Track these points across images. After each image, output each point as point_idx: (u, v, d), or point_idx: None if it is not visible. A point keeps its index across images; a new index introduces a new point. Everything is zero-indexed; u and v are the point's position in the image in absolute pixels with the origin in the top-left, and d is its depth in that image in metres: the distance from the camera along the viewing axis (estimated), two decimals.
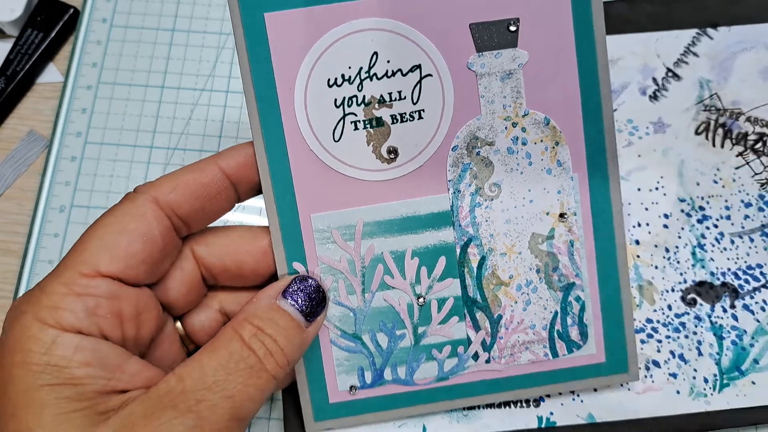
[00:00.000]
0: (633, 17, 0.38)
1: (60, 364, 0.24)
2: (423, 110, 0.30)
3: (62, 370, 0.24)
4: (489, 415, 0.35)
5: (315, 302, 0.30)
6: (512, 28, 0.30)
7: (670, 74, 0.38)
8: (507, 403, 0.35)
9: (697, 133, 0.37)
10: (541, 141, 0.31)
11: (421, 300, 0.32)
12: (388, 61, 0.30)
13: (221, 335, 0.27)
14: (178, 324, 0.31)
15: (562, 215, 0.31)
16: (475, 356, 0.32)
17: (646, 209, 0.37)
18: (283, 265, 0.31)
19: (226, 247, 0.30)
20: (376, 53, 0.30)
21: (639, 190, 0.37)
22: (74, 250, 0.26)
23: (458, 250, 0.31)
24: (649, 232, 0.37)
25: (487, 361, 0.32)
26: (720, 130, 0.38)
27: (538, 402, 0.35)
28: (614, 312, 0.32)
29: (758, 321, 0.36)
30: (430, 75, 0.30)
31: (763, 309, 0.36)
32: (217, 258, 0.30)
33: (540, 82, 0.30)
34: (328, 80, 0.30)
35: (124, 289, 0.26)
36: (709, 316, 0.36)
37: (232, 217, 0.40)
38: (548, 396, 0.35)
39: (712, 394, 0.35)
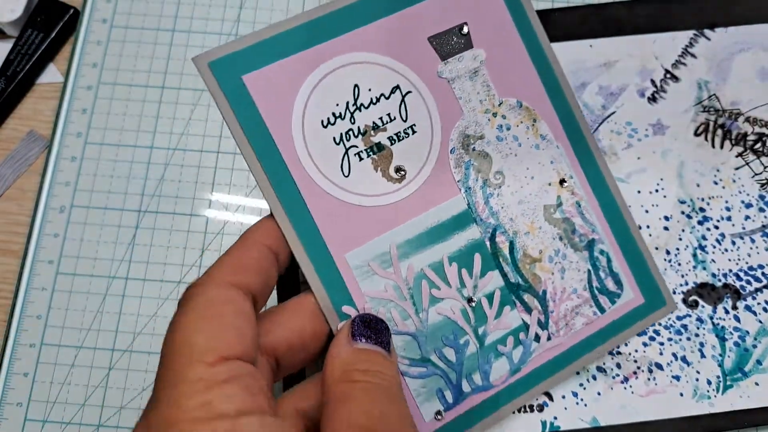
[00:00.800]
0: (630, 19, 0.39)
1: None
2: (414, 125, 0.32)
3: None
4: None
5: (380, 330, 0.29)
6: (464, 31, 0.32)
7: (668, 76, 0.38)
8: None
9: (696, 134, 0.38)
10: (522, 122, 0.33)
11: (472, 303, 0.32)
12: (370, 89, 0.31)
13: (339, 392, 0.26)
14: None
15: (561, 181, 0.34)
16: (537, 338, 0.33)
17: (647, 212, 0.38)
18: (333, 314, 0.30)
19: (282, 325, 0.29)
20: (356, 85, 0.31)
21: (639, 192, 0.38)
22: (180, 346, 0.24)
23: (488, 243, 0.32)
24: (650, 235, 0.37)
25: (548, 339, 0.33)
26: (719, 131, 0.38)
27: (541, 407, 0.35)
28: (635, 254, 0.34)
29: (761, 322, 0.36)
30: (410, 91, 0.32)
31: (765, 309, 0.37)
32: (280, 339, 0.29)
33: (502, 72, 0.33)
34: (322, 121, 0.30)
35: (251, 366, 0.25)
36: (711, 318, 0.36)
37: (232, 218, 0.40)
38: (551, 400, 0.35)
39: (715, 396, 0.35)
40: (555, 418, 0.35)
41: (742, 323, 0.37)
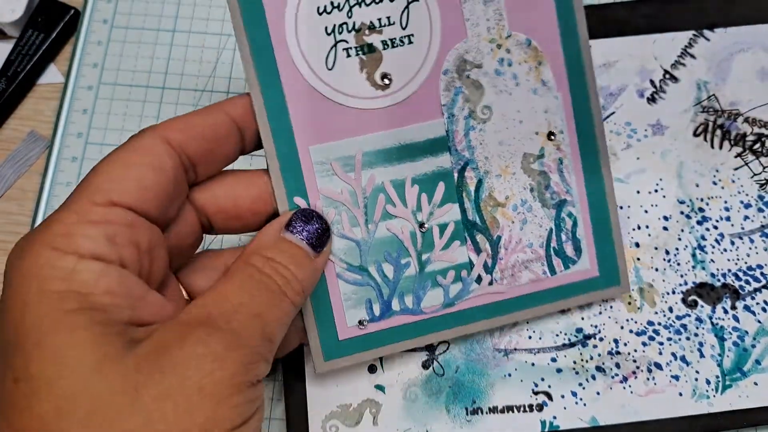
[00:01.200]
0: (630, 20, 0.39)
1: (83, 291, 0.22)
2: (412, 35, 0.31)
3: (86, 297, 0.22)
4: (492, 420, 0.35)
5: (319, 233, 0.29)
6: None
7: (667, 76, 0.38)
8: (510, 408, 0.35)
9: (695, 134, 0.38)
10: (525, 62, 0.32)
11: (423, 228, 0.32)
12: None
13: (234, 268, 0.27)
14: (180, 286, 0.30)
15: (550, 134, 0.32)
16: (479, 279, 0.33)
17: (646, 212, 0.37)
18: (284, 201, 0.30)
19: (222, 188, 0.29)
20: None
21: (638, 192, 0.38)
22: (84, 183, 0.25)
23: (456, 175, 0.32)
24: (649, 235, 0.37)
25: (490, 284, 0.33)
26: (718, 132, 0.38)
27: (541, 406, 0.35)
28: (604, 227, 0.34)
29: (759, 322, 0.36)
30: (417, 0, 0.30)
31: (764, 309, 0.36)
32: (213, 199, 0.29)
33: (519, 5, 0.31)
34: (318, 8, 0.29)
35: (138, 219, 0.25)
36: (711, 318, 0.36)
37: None
38: (550, 400, 0.35)
39: (714, 396, 0.35)
40: (554, 417, 0.35)
41: (741, 323, 0.37)
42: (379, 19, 0.30)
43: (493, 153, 0.32)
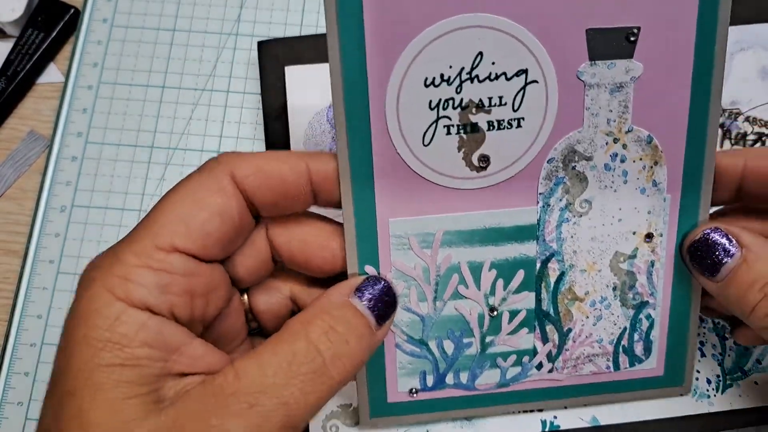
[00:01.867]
0: None
1: (121, 342, 0.23)
2: (523, 118, 0.28)
3: (123, 349, 0.23)
4: (493, 421, 0.35)
5: (386, 304, 0.28)
6: (632, 36, 0.27)
7: None
8: None
9: None
10: (641, 159, 0.29)
11: (494, 312, 0.31)
12: (493, 63, 0.27)
13: (288, 328, 0.26)
14: (245, 297, 0.30)
15: (648, 235, 0.30)
16: (539, 366, 0.32)
17: None
18: (355, 267, 0.29)
19: (298, 234, 0.29)
20: (481, 53, 0.26)
21: None
22: (149, 220, 0.25)
23: (538, 265, 0.30)
24: None
25: (550, 371, 0.32)
26: (719, 131, 0.37)
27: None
28: (681, 330, 0.32)
29: None
30: (536, 81, 0.27)
31: None
32: (286, 243, 0.29)
33: (650, 98, 0.28)
34: (425, 79, 0.26)
35: (198, 266, 0.25)
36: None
37: None
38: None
39: (715, 395, 0.35)
40: (555, 417, 0.35)
41: None
42: (490, 98, 0.27)
43: (583, 248, 0.30)
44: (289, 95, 0.38)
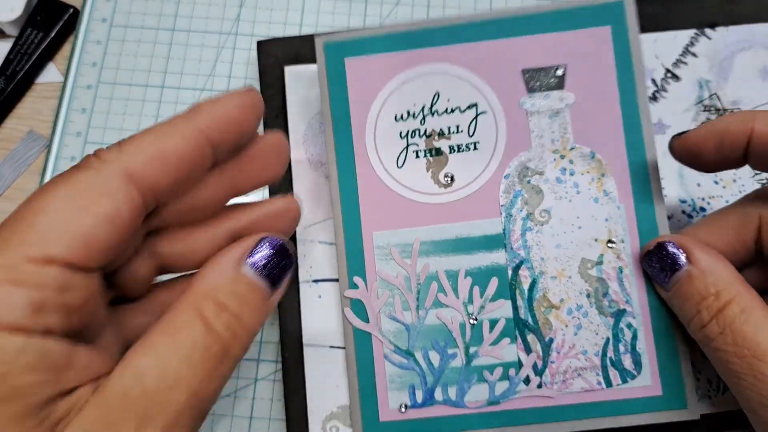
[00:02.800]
0: None
1: (1, 371, 0.20)
2: (478, 142, 0.34)
3: (4, 379, 0.20)
4: None
5: (281, 266, 0.26)
6: (559, 73, 0.33)
7: (668, 75, 0.38)
8: None
9: None
10: (588, 172, 0.33)
11: (473, 320, 0.33)
12: (448, 100, 0.34)
13: (179, 314, 0.24)
14: None
15: (609, 242, 0.33)
16: (527, 380, 0.32)
17: None
18: (345, 278, 0.33)
19: (183, 243, 0.27)
20: (438, 93, 0.34)
21: None
22: (18, 224, 0.21)
23: (510, 272, 0.33)
24: None
25: (539, 386, 0.32)
26: None
27: None
28: (668, 343, 0.32)
29: None
30: (485, 112, 0.34)
31: None
32: (172, 252, 0.27)
33: (586, 120, 0.33)
34: (395, 115, 0.34)
35: (75, 277, 0.22)
36: None
37: None
38: None
39: (716, 396, 0.34)
40: None
41: None
42: (449, 127, 0.34)
43: (550, 255, 0.33)
44: (289, 95, 0.38)
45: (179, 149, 0.24)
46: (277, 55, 0.39)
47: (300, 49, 0.39)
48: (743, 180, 0.37)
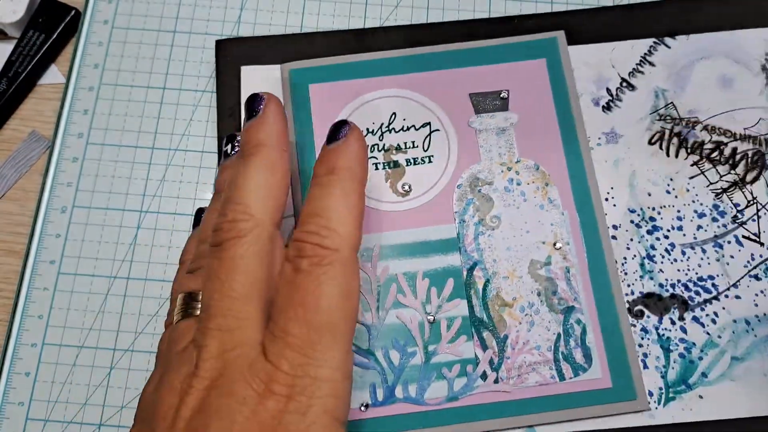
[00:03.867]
0: (591, 27, 0.39)
1: None
2: (432, 156, 0.36)
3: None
4: None
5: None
6: (503, 95, 0.37)
7: (624, 84, 0.39)
8: None
9: (650, 143, 0.38)
10: (533, 182, 0.36)
11: (430, 318, 0.34)
12: (404, 119, 0.37)
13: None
14: None
15: (556, 244, 0.35)
16: (484, 376, 0.33)
17: None
18: None
19: None
20: (394, 113, 0.37)
21: None
22: None
23: (465, 273, 0.35)
24: None
25: (496, 381, 0.33)
26: (675, 140, 0.38)
27: None
28: (615, 338, 0.34)
29: (708, 333, 0.35)
30: (438, 130, 0.37)
31: (713, 321, 0.35)
32: None
33: (529, 136, 0.37)
34: None
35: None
36: (657, 329, 0.35)
37: None
38: None
39: (656, 408, 0.34)
40: None
41: (688, 335, 0.35)
42: (405, 143, 0.37)
43: (502, 257, 0.35)
44: (244, 95, 0.40)
45: (283, 187, 0.30)
46: (234, 55, 0.41)
47: (257, 50, 0.40)
48: (697, 189, 0.37)
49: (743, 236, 0.36)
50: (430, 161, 0.37)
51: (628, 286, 0.36)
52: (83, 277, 0.39)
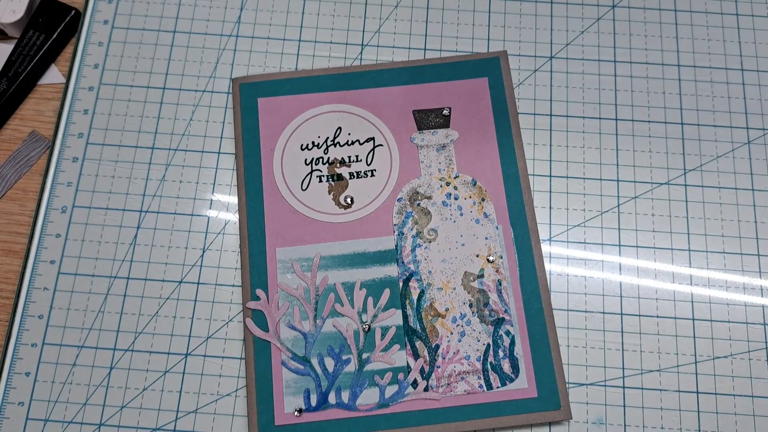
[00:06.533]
0: None
1: None
2: (375, 170, 0.38)
3: None
4: None
5: None
6: (445, 113, 0.38)
7: None
8: None
9: None
10: (470, 197, 0.37)
11: (366, 326, 0.35)
12: (349, 134, 0.38)
13: None
14: None
15: (489, 257, 0.36)
16: (414, 384, 0.34)
17: None
18: (248, 291, 0.36)
19: None
20: (340, 128, 0.38)
21: None
22: None
23: (401, 284, 0.36)
24: None
25: (426, 389, 0.34)
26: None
27: None
28: (542, 349, 0.35)
29: None
30: (381, 145, 0.38)
31: None
32: None
33: (468, 153, 0.38)
34: (301, 145, 0.38)
35: None
36: None
37: (233, 218, 0.40)
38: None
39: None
40: None
41: None
42: (349, 157, 0.38)
43: (437, 269, 0.36)
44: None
45: None
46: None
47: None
48: None
49: None
50: (372, 175, 0.38)
51: None
52: (83, 277, 0.39)
